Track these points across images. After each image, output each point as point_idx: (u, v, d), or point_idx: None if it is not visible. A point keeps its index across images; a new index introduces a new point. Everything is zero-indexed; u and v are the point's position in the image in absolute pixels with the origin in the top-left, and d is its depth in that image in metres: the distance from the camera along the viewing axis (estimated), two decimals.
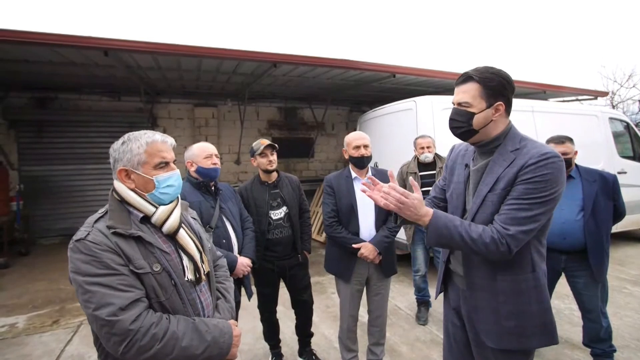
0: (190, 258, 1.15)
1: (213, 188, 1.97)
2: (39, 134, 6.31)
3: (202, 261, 1.20)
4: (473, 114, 1.24)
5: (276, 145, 2.35)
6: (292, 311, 2.60)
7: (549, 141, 2.44)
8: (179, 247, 1.15)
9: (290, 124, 8.27)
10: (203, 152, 1.91)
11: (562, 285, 2.55)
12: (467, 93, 1.25)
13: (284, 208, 2.37)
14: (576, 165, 2.42)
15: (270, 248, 2.34)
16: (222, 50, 4.15)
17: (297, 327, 2.62)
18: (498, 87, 1.23)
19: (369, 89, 6.50)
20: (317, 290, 2.66)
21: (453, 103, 1.32)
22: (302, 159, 8.45)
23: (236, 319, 2.09)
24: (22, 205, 5.95)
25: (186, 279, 1.12)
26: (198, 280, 1.16)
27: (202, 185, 1.92)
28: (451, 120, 1.31)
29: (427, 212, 1.20)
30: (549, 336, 1.27)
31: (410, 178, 1.30)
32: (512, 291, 1.24)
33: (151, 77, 5.54)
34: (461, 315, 1.41)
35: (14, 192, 5.95)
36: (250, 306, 3.40)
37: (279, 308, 2.59)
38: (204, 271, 1.19)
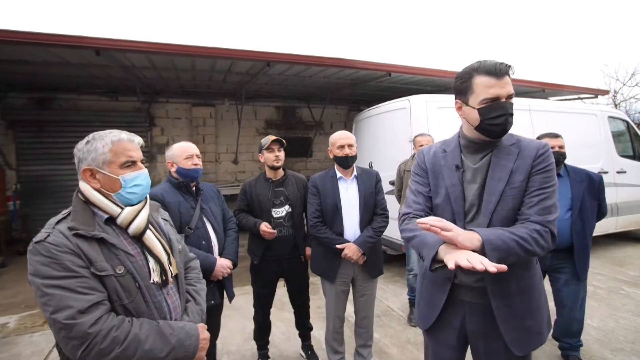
0: (157, 260, 1.13)
1: (194, 188, 1.95)
2: (37, 134, 6.33)
3: (170, 263, 1.18)
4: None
5: (284, 141, 2.33)
6: (282, 313, 2.59)
7: (541, 137, 2.44)
8: (146, 249, 1.13)
9: (288, 124, 8.27)
10: (184, 153, 1.89)
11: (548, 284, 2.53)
12: (510, 85, 1.18)
13: (287, 207, 2.35)
14: (564, 164, 2.42)
15: (269, 246, 2.32)
16: (215, 49, 4.14)
17: (296, 322, 2.66)
18: None
19: (367, 88, 6.47)
20: (310, 291, 2.66)
21: (499, 97, 1.16)
22: (300, 158, 8.44)
23: (218, 321, 2.11)
24: (20, 204, 5.98)
25: (151, 281, 1.10)
26: (165, 283, 1.14)
27: (183, 185, 1.90)
28: (510, 115, 1.18)
29: (474, 234, 1.07)
30: (550, 325, 1.29)
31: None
32: (528, 289, 1.22)
33: (147, 76, 5.54)
34: (463, 335, 1.32)
35: (10, 192, 5.98)
36: (240, 307, 3.41)
37: (272, 309, 2.57)
38: (172, 273, 1.17)
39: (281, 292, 2.64)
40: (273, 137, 2.30)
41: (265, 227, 2.22)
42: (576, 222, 2.29)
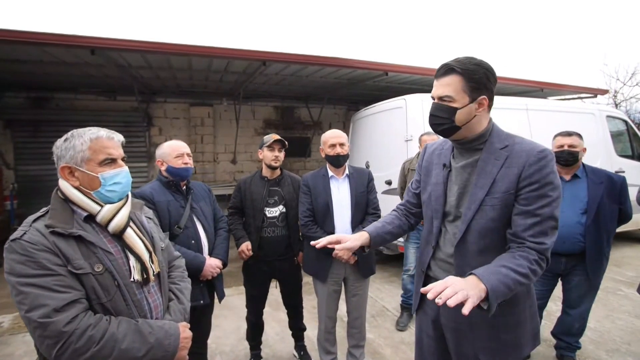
0: (138, 258, 1.12)
1: (184, 187, 1.94)
2: (35, 133, 6.31)
3: (152, 261, 1.17)
4: (455, 109, 1.13)
5: (286, 142, 2.30)
6: (278, 313, 2.57)
7: (555, 136, 2.37)
8: (126, 247, 1.12)
9: (286, 123, 8.25)
10: (174, 151, 1.88)
11: (557, 287, 2.49)
12: (450, 86, 1.14)
13: (281, 207, 2.32)
14: (583, 164, 2.31)
15: (261, 246, 2.30)
16: (210, 48, 4.12)
17: (289, 322, 2.65)
18: (482, 80, 1.13)
19: (364, 87, 6.45)
20: (306, 291, 2.66)
21: (433, 97, 1.20)
22: (298, 158, 8.42)
23: (209, 321, 2.09)
24: (17, 204, 5.98)
25: (131, 279, 1.08)
26: (146, 281, 1.13)
27: (172, 184, 1.88)
28: (432, 116, 1.19)
29: (479, 283, 0.96)
30: (537, 338, 1.24)
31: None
32: (510, 301, 1.11)
33: (144, 76, 5.53)
34: (438, 327, 1.32)
35: (8, 191, 5.98)
36: (235, 307, 3.39)
37: (265, 309, 2.56)
38: (154, 272, 1.16)
39: (277, 292, 2.62)
40: (277, 137, 2.27)
41: (245, 248, 2.26)
42: (590, 226, 2.17)
